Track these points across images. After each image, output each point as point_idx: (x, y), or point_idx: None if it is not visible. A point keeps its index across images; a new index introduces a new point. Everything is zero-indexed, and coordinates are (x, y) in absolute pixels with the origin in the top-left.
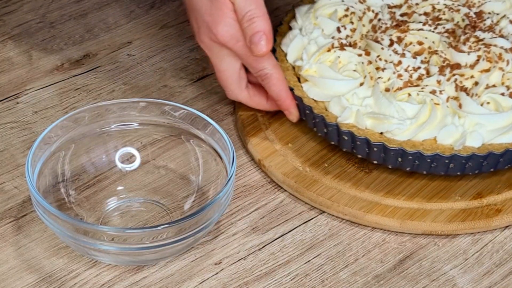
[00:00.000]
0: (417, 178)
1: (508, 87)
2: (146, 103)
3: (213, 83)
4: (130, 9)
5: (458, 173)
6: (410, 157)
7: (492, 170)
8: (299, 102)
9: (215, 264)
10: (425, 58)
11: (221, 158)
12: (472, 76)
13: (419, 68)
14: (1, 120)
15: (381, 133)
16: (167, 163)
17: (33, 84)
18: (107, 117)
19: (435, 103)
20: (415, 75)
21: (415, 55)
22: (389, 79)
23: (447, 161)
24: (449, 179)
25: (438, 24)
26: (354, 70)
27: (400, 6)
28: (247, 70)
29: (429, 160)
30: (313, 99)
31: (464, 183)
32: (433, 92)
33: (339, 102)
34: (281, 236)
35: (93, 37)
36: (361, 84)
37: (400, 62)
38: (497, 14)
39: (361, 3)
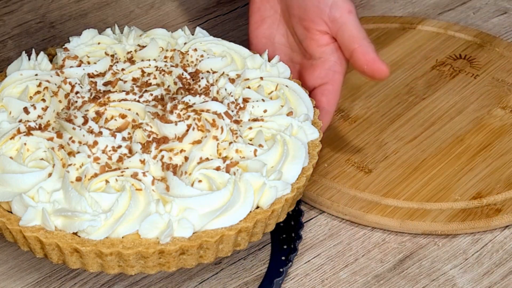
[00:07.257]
0: (417, 178)
1: (225, 159)
2: None
3: None
4: (130, 9)
5: None
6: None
7: None
8: None
9: (215, 264)
10: (129, 134)
11: None
12: (182, 150)
13: (120, 147)
14: None
15: (76, 233)
16: None
17: None
18: None
19: (137, 189)
20: (115, 156)
21: (117, 131)
22: (82, 165)
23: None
24: (449, 179)
25: (146, 91)
26: (42, 159)
27: (104, 74)
28: None
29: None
30: None
31: (464, 183)
32: (134, 175)
33: (21, 200)
34: None
35: None
36: (50, 175)
37: (96, 143)
38: (215, 72)
39: (58, 75)
